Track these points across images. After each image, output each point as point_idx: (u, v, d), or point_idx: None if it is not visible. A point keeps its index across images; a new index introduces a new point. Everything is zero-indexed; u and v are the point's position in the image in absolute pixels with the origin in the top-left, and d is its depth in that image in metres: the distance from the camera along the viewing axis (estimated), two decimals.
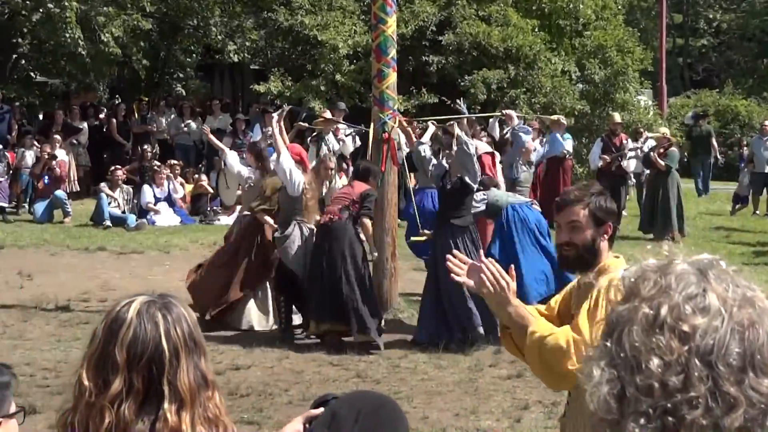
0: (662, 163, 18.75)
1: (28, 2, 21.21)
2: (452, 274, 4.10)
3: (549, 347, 4.05)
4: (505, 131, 21.08)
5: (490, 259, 4.06)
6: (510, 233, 11.89)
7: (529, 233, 11.85)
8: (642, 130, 22.54)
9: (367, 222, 11.06)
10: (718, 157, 29.03)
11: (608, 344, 1.65)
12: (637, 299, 1.64)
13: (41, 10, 21.16)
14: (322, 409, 2.90)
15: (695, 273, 1.64)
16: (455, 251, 4.30)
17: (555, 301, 4.73)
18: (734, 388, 1.55)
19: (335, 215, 10.97)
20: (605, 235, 4.45)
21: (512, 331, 4.21)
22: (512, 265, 4.14)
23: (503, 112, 14.10)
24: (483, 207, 12.07)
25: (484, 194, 12.22)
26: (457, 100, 14.83)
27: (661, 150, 18.98)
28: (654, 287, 1.64)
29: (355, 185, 11.31)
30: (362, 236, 11.08)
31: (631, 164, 20.42)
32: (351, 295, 10.73)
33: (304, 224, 11.22)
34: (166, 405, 2.68)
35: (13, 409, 2.70)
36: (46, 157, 20.53)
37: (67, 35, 21.26)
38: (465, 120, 14.35)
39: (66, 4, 20.94)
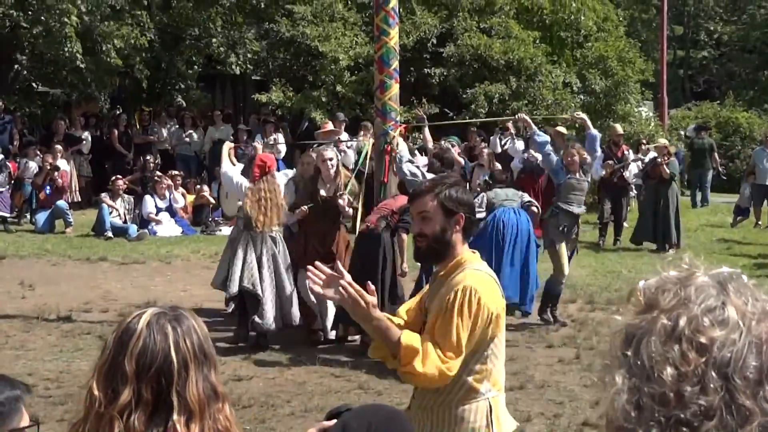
0: (668, 171, 18.74)
1: (29, 13, 21.25)
2: (310, 285, 4.22)
3: (411, 355, 4.14)
4: (504, 142, 21.16)
5: (347, 280, 4.16)
6: (491, 233, 11.91)
7: (511, 238, 11.87)
8: (643, 141, 22.57)
9: (404, 236, 11.16)
10: (720, 169, 29.19)
11: (627, 354, 1.66)
12: (656, 310, 1.66)
13: (41, 25, 21.18)
14: (334, 421, 2.91)
15: (715, 286, 1.66)
16: (316, 263, 4.37)
17: (416, 298, 4.81)
18: (750, 401, 1.56)
19: (372, 224, 11.09)
20: (457, 226, 4.45)
21: (377, 342, 4.31)
22: (369, 282, 4.26)
23: (519, 116, 14.13)
24: (484, 213, 12.13)
25: (483, 194, 12.41)
26: (419, 108, 14.80)
27: (665, 159, 18.97)
28: (674, 299, 1.65)
29: (398, 198, 11.41)
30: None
31: (632, 174, 20.42)
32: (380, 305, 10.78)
33: (249, 232, 11.29)
34: (175, 416, 2.69)
35: (25, 422, 2.70)
36: (48, 168, 20.54)
37: (66, 49, 21.27)
38: (427, 129, 14.37)
39: (65, 20, 20.96)
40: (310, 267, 4.25)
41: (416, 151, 17.41)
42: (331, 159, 11.81)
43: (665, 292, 1.67)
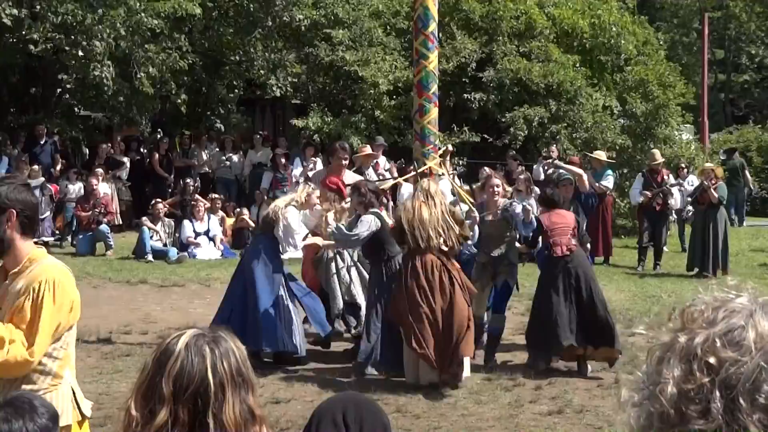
0: (716, 195, 18.55)
1: (73, 37, 21.45)
2: None
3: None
4: (547, 170, 21.06)
5: None
6: None
7: None
8: (683, 165, 22.44)
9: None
10: (752, 187, 29.71)
11: (644, 370, 1.69)
12: (684, 330, 1.66)
13: (81, 49, 21.37)
14: None
15: (746, 308, 1.64)
16: None
17: None
18: (753, 426, 1.54)
19: (571, 245, 11.35)
20: (9, 222, 4.60)
21: None
22: None
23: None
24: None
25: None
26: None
27: (713, 182, 18.76)
28: (702, 320, 1.65)
29: (561, 213, 11.74)
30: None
31: (677, 200, 20.29)
32: (607, 315, 11.25)
33: None
34: None
35: None
36: (97, 212, 20.63)
37: (96, 73, 21.45)
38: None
39: (96, 43, 21.15)
40: None
41: (456, 177, 17.42)
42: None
43: (697, 314, 1.67)
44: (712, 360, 1.58)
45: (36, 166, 21.32)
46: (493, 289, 11.87)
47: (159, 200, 21.40)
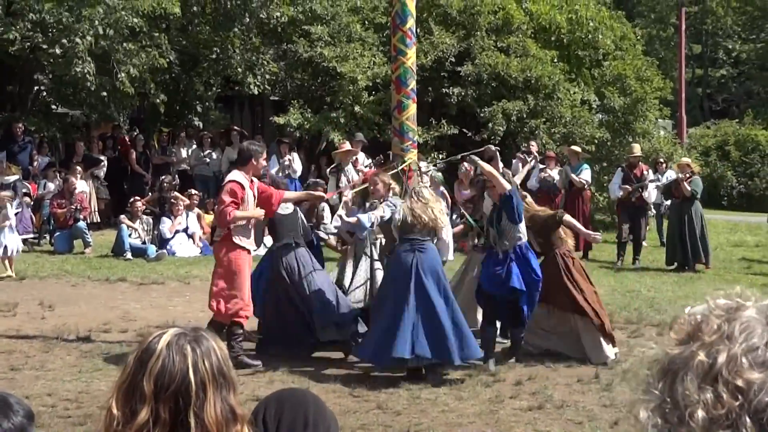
0: (689, 188, 18.68)
1: (50, 34, 21.36)
2: None
3: None
4: (531, 162, 21.05)
5: None
6: None
7: None
8: (661, 160, 22.53)
9: None
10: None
11: (659, 388, 1.60)
12: (697, 343, 1.58)
13: (59, 46, 21.29)
14: None
15: (762, 321, 1.57)
16: None
17: None
18: None
19: None
20: None
21: None
22: None
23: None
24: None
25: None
26: None
27: (687, 176, 18.90)
28: (716, 333, 1.57)
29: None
30: None
31: (651, 195, 20.36)
32: None
33: None
34: None
35: None
36: (74, 209, 20.51)
37: (78, 70, 21.36)
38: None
39: (78, 40, 21.06)
40: None
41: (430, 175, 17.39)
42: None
43: (709, 324, 1.59)
44: (739, 382, 1.50)
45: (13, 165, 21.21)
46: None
47: (137, 198, 21.33)
